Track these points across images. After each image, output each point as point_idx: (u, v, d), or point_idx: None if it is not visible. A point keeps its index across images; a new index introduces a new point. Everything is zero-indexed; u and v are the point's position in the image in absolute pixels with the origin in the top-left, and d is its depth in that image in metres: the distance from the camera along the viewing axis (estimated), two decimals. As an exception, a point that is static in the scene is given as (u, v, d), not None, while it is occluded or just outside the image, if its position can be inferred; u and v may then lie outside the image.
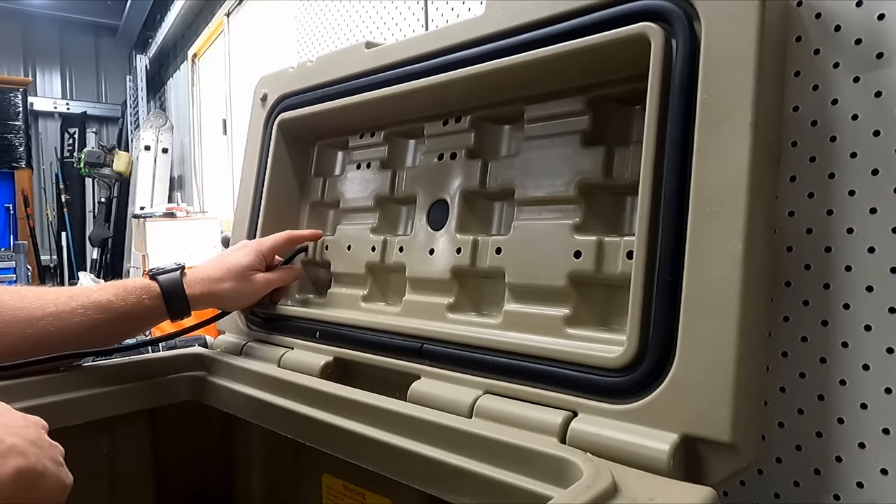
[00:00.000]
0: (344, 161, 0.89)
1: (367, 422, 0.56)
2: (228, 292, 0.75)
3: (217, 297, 0.75)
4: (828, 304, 0.53)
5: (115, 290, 0.68)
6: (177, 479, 0.81)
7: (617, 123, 0.60)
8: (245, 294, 0.76)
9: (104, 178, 5.25)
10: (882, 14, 0.50)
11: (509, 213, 0.67)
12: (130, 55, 6.04)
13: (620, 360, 0.48)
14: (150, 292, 0.70)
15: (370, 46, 0.76)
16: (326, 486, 0.70)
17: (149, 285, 0.71)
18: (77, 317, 0.65)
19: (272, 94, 0.88)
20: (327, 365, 0.70)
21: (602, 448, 0.46)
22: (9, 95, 5.67)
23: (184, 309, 0.72)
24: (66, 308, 0.65)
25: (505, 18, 0.60)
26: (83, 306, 0.66)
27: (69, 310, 0.65)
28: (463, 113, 0.71)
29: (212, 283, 0.74)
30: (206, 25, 3.53)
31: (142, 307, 0.69)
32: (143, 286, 0.70)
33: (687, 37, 0.48)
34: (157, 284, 0.71)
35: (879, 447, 0.50)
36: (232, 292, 0.75)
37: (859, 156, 0.51)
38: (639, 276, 0.48)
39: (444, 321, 0.66)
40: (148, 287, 0.70)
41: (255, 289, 0.77)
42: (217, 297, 0.75)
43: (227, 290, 0.75)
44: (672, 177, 0.47)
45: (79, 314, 0.65)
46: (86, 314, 0.66)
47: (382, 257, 0.76)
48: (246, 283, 0.75)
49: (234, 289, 0.75)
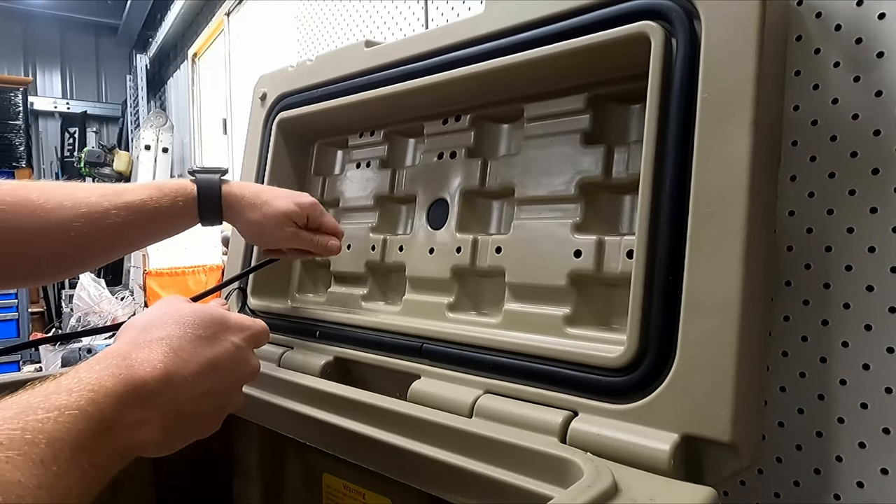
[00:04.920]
0: (343, 160, 0.88)
1: (367, 422, 0.56)
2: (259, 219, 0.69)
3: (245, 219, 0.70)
4: (828, 304, 0.53)
5: (149, 191, 0.64)
6: (177, 478, 0.81)
7: (617, 122, 0.60)
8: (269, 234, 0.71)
9: (104, 178, 5.24)
10: (882, 13, 0.49)
11: (509, 212, 0.67)
12: (130, 55, 6.04)
13: (620, 360, 0.48)
14: (184, 193, 0.66)
15: (370, 45, 0.75)
16: (326, 486, 0.70)
17: (185, 185, 0.66)
18: (111, 218, 0.60)
19: (272, 93, 0.88)
20: (327, 364, 0.70)
21: (602, 448, 0.46)
22: (9, 95, 5.66)
23: (216, 215, 0.68)
24: (97, 209, 0.60)
25: (505, 17, 0.60)
26: (116, 207, 0.61)
27: (101, 210, 0.60)
28: (463, 112, 0.71)
29: (247, 202, 0.69)
30: (207, 25, 3.53)
31: (175, 209, 0.65)
32: (179, 186, 0.66)
33: (687, 36, 0.48)
34: (195, 185, 0.66)
35: (879, 447, 0.50)
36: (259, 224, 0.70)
37: (860, 155, 0.51)
38: (639, 276, 0.48)
39: (444, 320, 0.66)
40: (184, 187, 0.66)
41: (283, 236, 0.71)
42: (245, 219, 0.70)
43: (257, 218, 0.69)
44: (672, 176, 0.47)
45: (112, 215, 0.61)
46: (119, 216, 0.61)
47: (382, 256, 0.76)
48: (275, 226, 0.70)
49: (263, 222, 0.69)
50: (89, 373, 0.38)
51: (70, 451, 0.34)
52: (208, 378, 0.45)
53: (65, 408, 0.35)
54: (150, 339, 0.43)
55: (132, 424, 0.39)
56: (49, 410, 0.35)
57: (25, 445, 0.33)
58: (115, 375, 0.39)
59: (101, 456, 0.37)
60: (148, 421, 0.40)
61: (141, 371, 0.40)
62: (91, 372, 0.38)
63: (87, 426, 0.36)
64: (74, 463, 0.35)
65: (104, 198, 0.61)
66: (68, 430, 0.35)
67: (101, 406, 0.37)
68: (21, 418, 0.34)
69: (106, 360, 0.40)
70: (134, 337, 0.44)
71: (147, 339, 0.43)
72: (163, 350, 0.42)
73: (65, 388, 0.36)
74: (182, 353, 0.43)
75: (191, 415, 0.44)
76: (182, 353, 0.43)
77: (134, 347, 0.42)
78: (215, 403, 0.47)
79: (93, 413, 0.36)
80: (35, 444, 0.33)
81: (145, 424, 0.40)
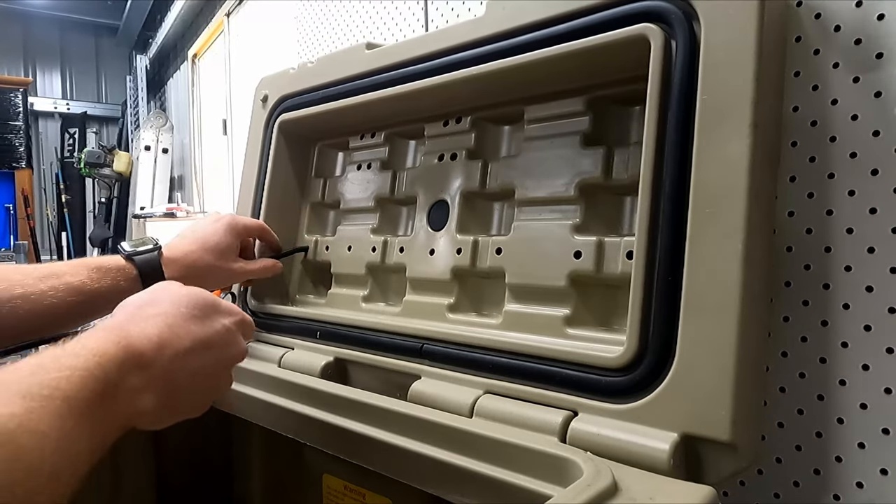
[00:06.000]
0: (344, 162, 0.89)
1: (368, 422, 0.56)
2: (207, 273, 0.71)
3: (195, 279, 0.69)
4: (828, 305, 0.53)
5: (87, 272, 0.64)
6: (177, 479, 0.81)
7: (617, 124, 0.60)
8: (222, 277, 0.73)
9: (104, 179, 5.24)
10: (882, 14, 0.50)
11: (509, 213, 0.67)
12: (130, 55, 6.04)
13: (620, 360, 0.48)
14: (126, 275, 0.66)
15: (371, 47, 0.76)
16: (327, 486, 0.70)
17: (125, 267, 0.67)
18: (48, 299, 0.61)
19: (273, 94, 0.88)
20: (328, 365, 0.70)
21: (602, 447, 0.46)
22: (9, 95, 5.67)
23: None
24: (34, 290, 0.61)
25: (505, 19, 0.60)
26: (54, 288, 0.62)
27: (38, 292, 0.61)
28: (463, 114, 0.71)
29: (189, 264, 0.70)
30: (207, 25, 3.54)
31: (118, 289, 0.65)
32: (119, 268, 0.66)
33: (686, 38, 0.48)
34: (134, 266, 0.67)
35: (879, 447, 0.50)
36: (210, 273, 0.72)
37: (859, 156, 0.51)
38: (639, 277, 0.48)
39: (445, 321, 0.67)
40: (124, 269, 0.66)
41: (232, 274, 0.74)
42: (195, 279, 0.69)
43: (205, 269, 0.71)
44: (672, 177, 0.47)
45: (49, 296, 0.61)
46: (57, 296, 0.61)
47: (383, 258, 0.77)
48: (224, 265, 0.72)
49: (212, 270, 0.72)
50: (91, 340, 0.40)
51: (80, 412, 0.36)
52: (199, 355, 0.47)
53: (75, 368, 0.37)
54: (145, 315, 0.46)
55: (132, 391, 0.41)
56: (61, 370, 0.36)
57: (44, 400, 0.34)
58: (116, 343, 0.41)
59: (105, 422, 0.39)
60: (145, 390, 0.42)
61: (138, 342, 0.43)
62: (93, 340, 0.40)
63: (95, 388, 0.38)
64: (84, 425, 0.36)
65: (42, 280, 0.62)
66: (80, 390, 0.36)
67: (106, 370, 0.39)
68: (37, 375, 0.35)
69: (106, 331, 0.42)
70: (131, 313, 0.46)
71: (143, 315, 0.46)
72: (158, 325, 0.45)
73: (71, 353, 0.38)
74: (176, 329, 0.46)
75: (184, 389, 0.46)
76: (176, 329, 0.46)
77: (131, 322, 0.45)
78: (207, 382, 0.49)
79: (99, 376, 0.38)
80: (52, 399, 0.35)
81: (143, 393, 0.42)
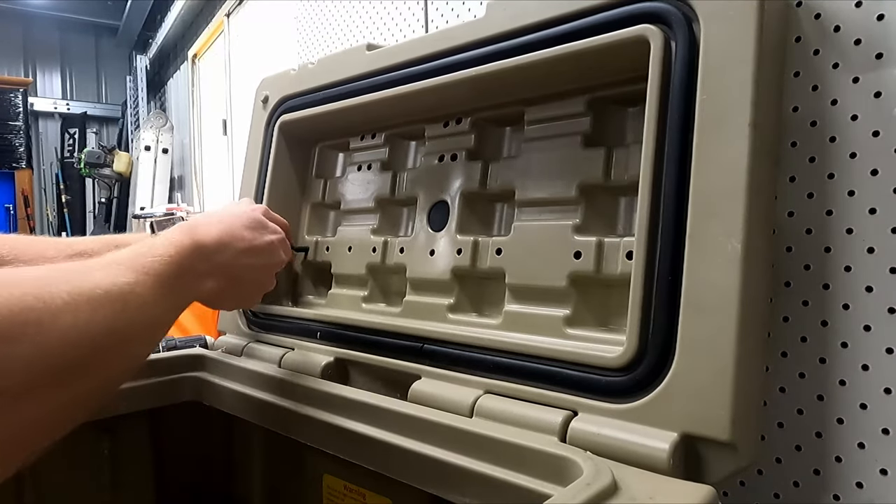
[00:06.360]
0: (345, 162, 0.89)
1: (368, 422, 0.56)
2: None
3: None
4: (827, 305, 0.53)
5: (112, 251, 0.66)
6: (177, 479, 0.81)
7: (617, 125, 0.60)
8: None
9: (104, 179, 5.24)
10: (881, 14, 0.50)
11: (510, 214, 0.67)
12: (130, 55, 6.04)
13: (620, 360, 0.48)
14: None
15: (371, 48, 0.76)
16: (327, 486, 0.71)
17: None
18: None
19: (273, 95, 0.88)
20: (328, 365, 0.70)
21: (602, 447, 0.46)
22: (9, 96, 5.66)
23: None
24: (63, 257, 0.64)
25: (505, 21, 0.61)
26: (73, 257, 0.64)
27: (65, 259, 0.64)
28: (463, 115, 0.71)
29: None
30: (207, 26, 3.54)
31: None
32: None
33: (686, 38, 0.48)
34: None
35: (879, 447, 0.50)
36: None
37: (859, 156, 0.51)
38: (638, 277, 0.48)
39: (445, 321, 0.67)
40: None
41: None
42: None
43: None
44: (671, 177, 0.48)
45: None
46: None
47: (383, 258, 0.77)
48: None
49: None
50: (170, 235, 0.52)
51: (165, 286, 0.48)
52: (250, 257, 0.59)
53: (161, 255, 0.49)
54: (212, 221, 0.58)
55: (199, 275, 0.53)
56: (154, 256, 0.48)
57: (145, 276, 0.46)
58: (189, 235, 0.53)
59: (180, 295, 0.51)
60: (209, 276, 0.54)
61: (203, 236, 0.54)
62: (172, 234, 0.53)
63: (175, 271, 0.50)
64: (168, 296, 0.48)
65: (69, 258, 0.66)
66: (166, 271, 0.48)
67: (182, 255, 0.51)
68: (140, 258, 0.47)
69: (179, 229, 0.54)
70: (199, 218, 0.58)
71: (211, 221, 0.58)
72: (219, 228, 0.57)
73: (160, 244, 0.50)
74: (233, 232, 0.58)
75: (239, 281, 0.58)
76: (233, 232, 0.58)
77: (199, 224, 0.56)
78: (256, 277, 0.61)
79: (177, 260, 0.50)
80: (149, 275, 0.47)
81: (207, 278, 0.54)
